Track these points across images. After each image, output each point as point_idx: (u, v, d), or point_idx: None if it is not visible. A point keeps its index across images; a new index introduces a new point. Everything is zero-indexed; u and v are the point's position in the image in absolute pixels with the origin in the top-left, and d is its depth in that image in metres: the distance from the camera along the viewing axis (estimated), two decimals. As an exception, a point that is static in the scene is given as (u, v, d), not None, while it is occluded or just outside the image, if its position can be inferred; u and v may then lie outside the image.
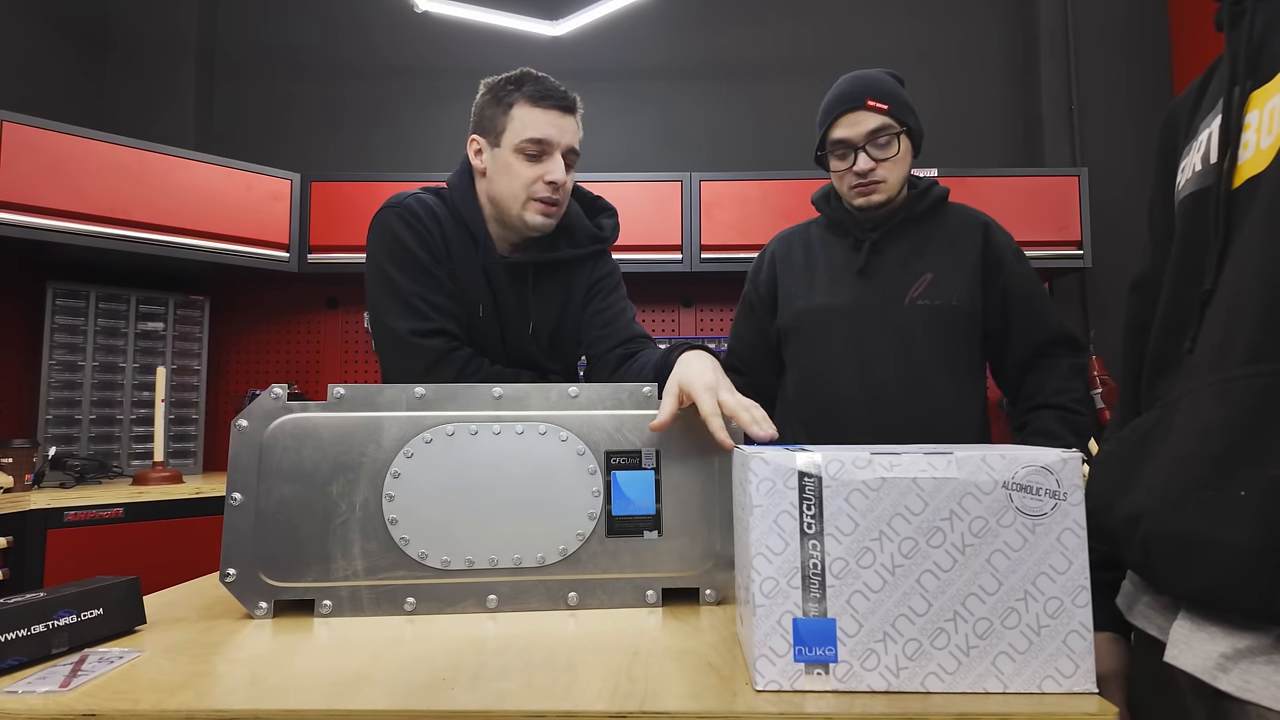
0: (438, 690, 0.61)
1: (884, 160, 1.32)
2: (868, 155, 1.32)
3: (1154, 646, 0.66)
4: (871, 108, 1.31)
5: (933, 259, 1.36)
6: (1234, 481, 0.56)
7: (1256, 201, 0.59)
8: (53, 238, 2.36)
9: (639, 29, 3.29)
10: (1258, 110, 0.61)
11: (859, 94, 1.33)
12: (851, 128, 1.33)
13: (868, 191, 1.35)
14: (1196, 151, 0.68)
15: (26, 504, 2.10)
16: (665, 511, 0.90)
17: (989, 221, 1.41)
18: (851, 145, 1.33)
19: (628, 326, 1.30)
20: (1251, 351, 0.56)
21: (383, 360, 1.25)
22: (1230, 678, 0.56)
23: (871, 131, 1.31)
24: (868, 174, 1.33)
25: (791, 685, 0.60)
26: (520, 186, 1.20)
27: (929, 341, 1.33)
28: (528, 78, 1.21)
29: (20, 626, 0.67)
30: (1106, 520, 0.70)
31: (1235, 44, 0.64)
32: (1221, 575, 0.56)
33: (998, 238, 1.39)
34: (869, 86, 1.33)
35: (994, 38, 3.33)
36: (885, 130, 1.32)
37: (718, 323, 3.21)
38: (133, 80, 3.18)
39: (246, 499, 0.85)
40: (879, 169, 1.33)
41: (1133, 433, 0.71)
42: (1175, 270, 0.69)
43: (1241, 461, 0.55)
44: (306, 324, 3.22)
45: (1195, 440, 0.61)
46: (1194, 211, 0.67)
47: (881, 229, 1.38)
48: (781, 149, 3.22)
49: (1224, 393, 0.58)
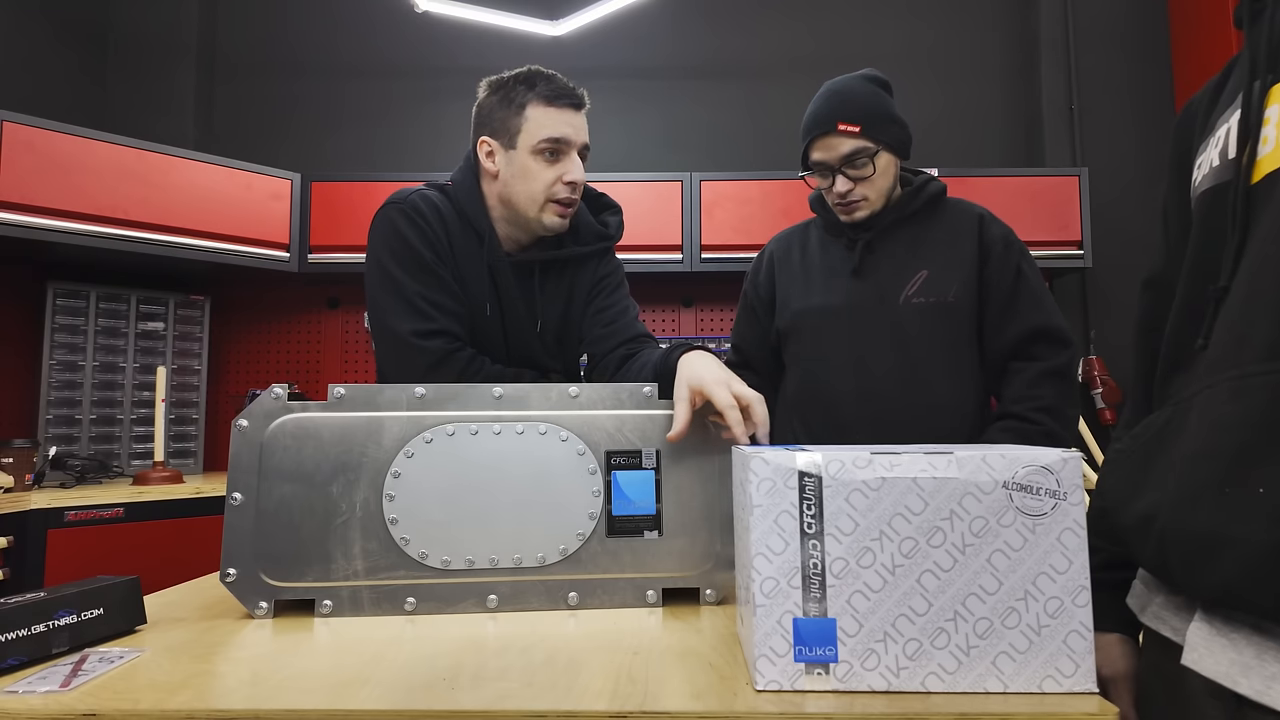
0: (438, 690, 0.61)
1: (861, 180, 1.32)
2: (845, 177, 1.32)
3: (1166, 648, 0.65)
4: (843, 132, 1.30)
5: (928, 256, 1.36)
6: (1252, 478, 0.55)
7: (1276, 197, 0.58)
8: (53, 238, 2.36)
9: (639, 29, 3.29)
10: (1277, 105, 0.60)
11: (829, 117, 1.31)
12: (826, 151, 1.32)
13: (849, 210, 1.35)
14: (1214, 147, 0.66)
15: (27, 504, 2.10)
16: (665, 511, 0.90)
17: (984, 214, 1.39)
18: (829, 167, 1.33)
19: (630, 326, 1.29)
20: (1269, 348, 0.55)
21: (382, 360, 1.24)
22: (1251, 682, 0.54)
23: (845, 155, 1.31)
24: (846, 194, 1.33)
25: (792, 685, 0.60)
26: (540, 189, 1.19)
27: (925, 339, 1.33)
28: (538, 76, 1.20)
29: (20, 626, 0.67)
30: (1120, 519, 0.69)
31: (1255, 39, 0.63)
32: (1239, 574, 0.55)
33: (992, 230, 1.37)
34: (841, 106, 1.31)
35: (994, 38, 3.33)
36: (860, 153, 1.30)
37: (718, 323, 3.21)
38: (133, 80, 3.17)
39: (247, 499, 0.85)
40: (856, 189, 1.32)
41: (1145, 430, 0.70)
42: (1191, 266, 0.68)
43: (1260, 458, 0.54)
44: (306, 324, 3.22)
45: (1211, 437, 0.60)
46: (1211, 207, 0.65)
47: (875, 228, 1.38)
48: (781, 149, 3.22)
49: (1240, 389, 0.57)
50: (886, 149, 1.32)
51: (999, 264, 1.34)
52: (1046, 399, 1.29)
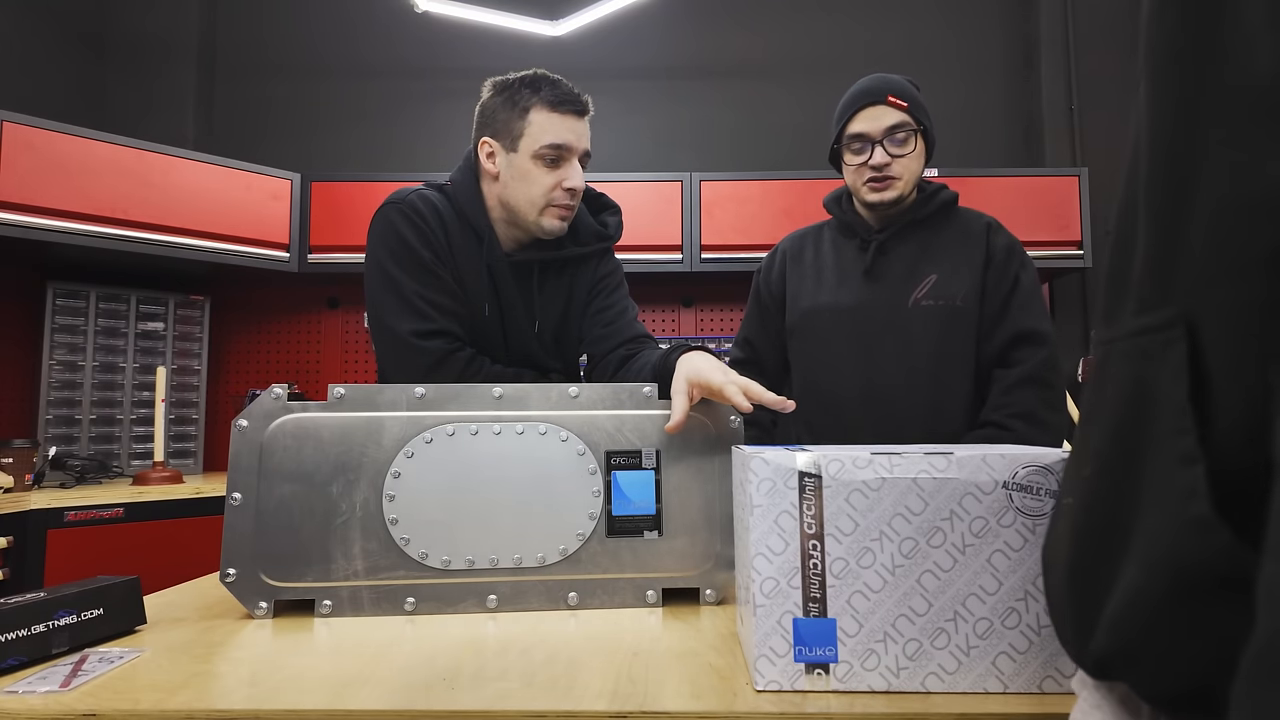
0: (438, 690, 0.61)
1: (900, 156, 1.34)
2: (884, 150, 1.33)
3: None
4: (892, 103, 1.33)
5: (938, 261, 1.37)
6: (1066, 487, 0.45)
7: None
8: (53, 238, 2.36)
9: (639, 29, 3.29)
10: None
11: (881, 90, 1.35)
12: (871, 122, 1.34)
13: (882, 187, 1.36)
14: None
15: (27, 504, 2.10)
16: (665, 511, 0.90)
17: (992, 222, 1.41)
18: (869, 139, 1.35)
19: (630, 326, 1.30)
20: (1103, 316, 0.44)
21: (382, 360, 1.24)
22: None
23: (890, 127, 1.33)
24: (883, 168, 1.34)
25: (792, 685, 0.60)
26: (540, 194, 1.20)
27: (932, 342, 1.33)
28: (544, 81, 1.20)
29: (20, 626, 0.67)
30: None
31: None
32: (1051, 613, 0.44)
33: (998, 238, 1.39)
34: (891, 84, 1.36)
35: (994, 38, 3.33)
36: (903, 126, 1.33)
37: (718, 323, 3.21)
38: (133, 80, 3.17)
39: (247, 499, 0.85)
40: (894, 164, 1.34)
41: None
42: None
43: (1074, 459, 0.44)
44: (306, 324, 3.22)
45: None
46: None
47: (888, 230, 1.39)
48: (781, 149, 3.22)
49: None
50: (923, 136, 1.37)
51: (999, 271, 1.36)
52: (1020, 405, 1.28)
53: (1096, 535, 0.38)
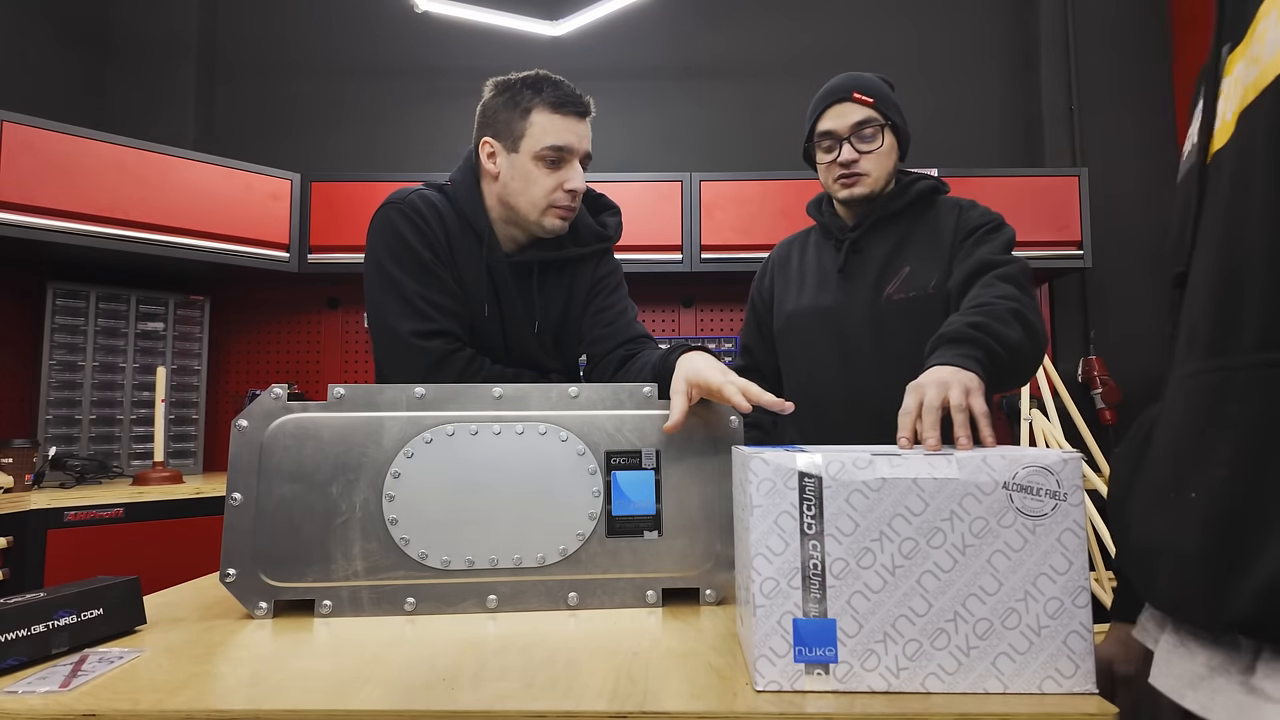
0: (438, 690, 0.61)
1: (867, 152, 1.33)
2: (851, 146, 1.33)
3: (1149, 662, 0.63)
4: (858, 100, 1.33)
5: (911, 252, 1.36)
6: (1187, 483, 0.52)
7: (1221, 177, 0.54)
8: (53, 238, 2.36)
9: (639, 29, 3.29)
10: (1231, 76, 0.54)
11: (848, 87, 1.35)
12: (837, 119, 1.34)
13: (851, 183, 1.36)
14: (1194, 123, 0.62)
15: (27, 504, 2.10)
16: (665, 511, 0.90)
17: (963, 203, 1.38)
18: (837, 137, 1.35)
19: (629, 326, 1.30)
20: (1207, 346, 0.53)
21: (381, 361, 1.24)
22: (1197, 695, 0.52)
23: (856, 123, 1.33)
24: (851, 165, 1.34)
25: (792, 685, 0.60)
26: (541, 195, 1.20)
27: (907, 335, 1.31)
28: (546, 82, 1.20)
29: (20, 626, 0.67)
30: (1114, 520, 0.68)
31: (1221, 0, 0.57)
32: (1174, 584, 0.53)
33: (970, 214, 1.35)
34: (857, 82, 1.36)
35: (994, 38, 3.33)
36: (870, 123, 1.33)
37: (718, 323, 3.21)
38: (133, 80, 3.17)
39: (246, 499, 0.85)
40: (862, 161, 1.34)
41: (1138, 430, 0.68)
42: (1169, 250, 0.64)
43: (1195, 461, 0.52)
44: (306, 324, 3.22)
45: (1164, 439, 0.57)
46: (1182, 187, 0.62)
47: (861, 228, 1.39)
48: (781, 149, 3.22)
49: (1186, 388, 0.55)
50: (893, 131, 1.35)
51: (968, 239, 1.30)
52: (1005, 289, 1.15)
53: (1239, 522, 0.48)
